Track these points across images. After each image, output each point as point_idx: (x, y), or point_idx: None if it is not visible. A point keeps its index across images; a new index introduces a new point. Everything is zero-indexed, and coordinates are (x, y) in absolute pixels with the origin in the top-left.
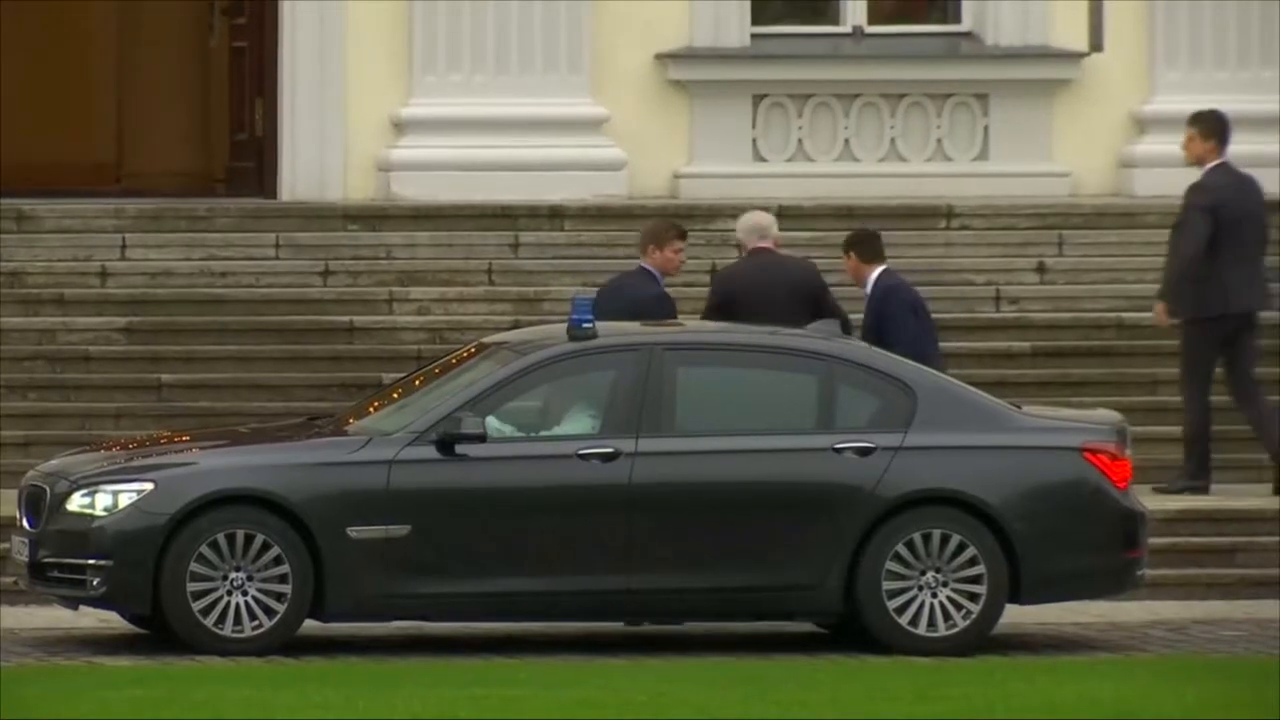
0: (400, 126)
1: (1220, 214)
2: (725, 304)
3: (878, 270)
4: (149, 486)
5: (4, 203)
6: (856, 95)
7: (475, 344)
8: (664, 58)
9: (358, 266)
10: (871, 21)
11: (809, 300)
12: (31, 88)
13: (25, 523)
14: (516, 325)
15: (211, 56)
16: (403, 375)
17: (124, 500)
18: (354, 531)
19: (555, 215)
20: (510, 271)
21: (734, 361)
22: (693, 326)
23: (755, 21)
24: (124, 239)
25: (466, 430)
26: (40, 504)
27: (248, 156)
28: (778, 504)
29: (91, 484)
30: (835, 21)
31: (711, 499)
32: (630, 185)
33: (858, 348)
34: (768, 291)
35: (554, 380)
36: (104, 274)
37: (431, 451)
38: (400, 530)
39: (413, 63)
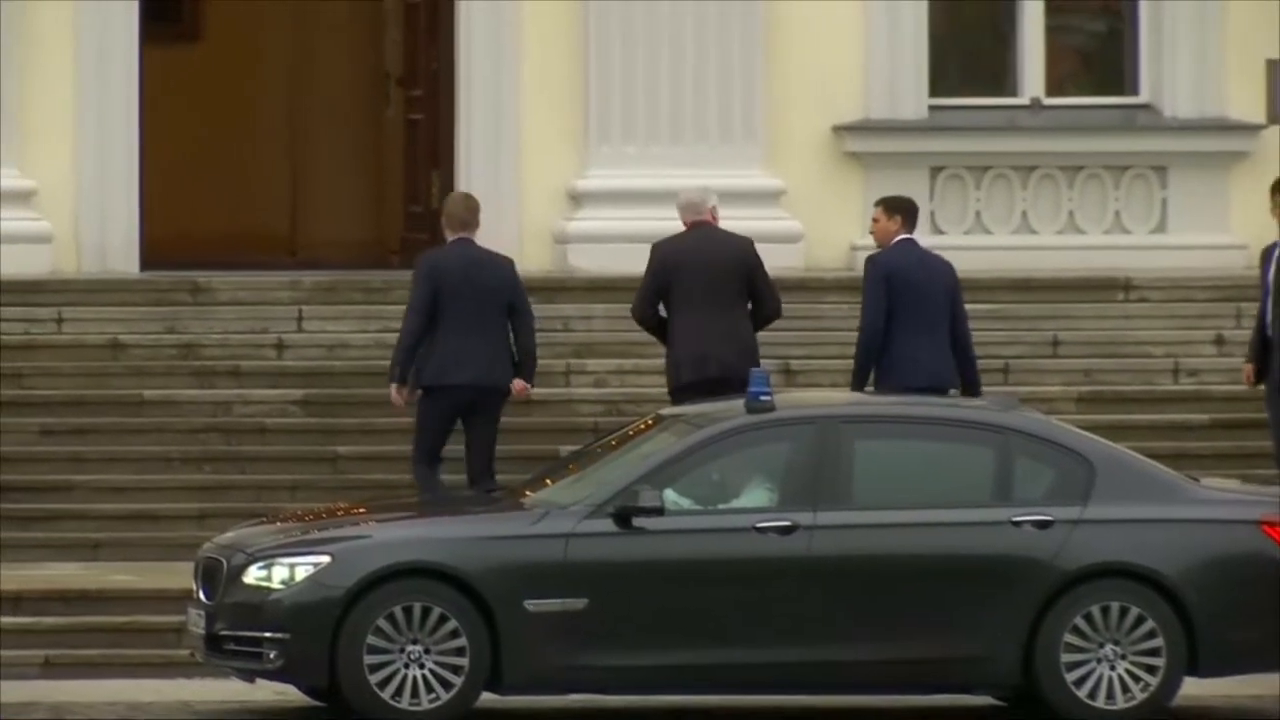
0: (576, 198)
1: None
2: (660, 270)
3: (900, 236)
4: (326, 559)
5: (179, 275)
6: (1034, 167)
7: (653, 416)
8: (840, 129)
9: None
10: (1049, 93)
11: (743, 274)
12: (205, 160)
13: (201, 595)
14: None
15: (387, 128)
16: (580, 448)
17: (300, 573)
18: (531, 604)
19: None
20: None
21: (912, 434)
22: (870, 399)
23: (933, 93)
24: (300, 311)
25: (644, 503)
26: (216, 577)
27: (423, 228)
28: (956, 576)
29: (268, 557)
30: (1013, 93)
31: (890, 571)
32: (806, 257)
33: (1036, 419)
34: (703, 261)
35: (731, 453)
36: (280, 346)
37: (609, 524)
38: (578, 603)
39: (588, 134)
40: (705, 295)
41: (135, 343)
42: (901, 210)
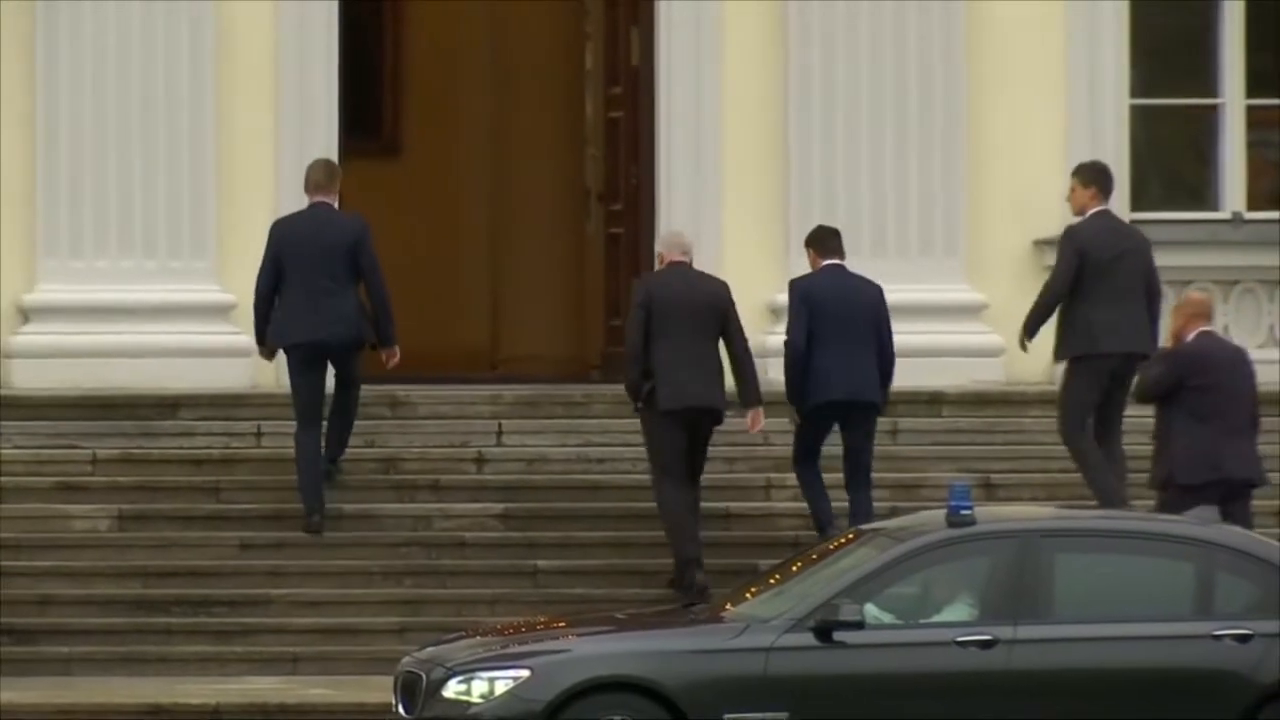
0: (776, 312)
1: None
2: (646, 303)
3: (825, 263)
4: (525, 673)
5: (379, 389)
6: (1235, 281)
7: (853, 530)
8: (1041, 243)
9: (734, 453)
10: (1250, 207)
11: (719, 312)
12: (405, 274)
13: (401, 709)
14: (894, 512)
15: (587, 242)
16: (780, 561)
17: (500, 687)
18: (731, 718)
19: (934, 401)
20: (888, 458)
21: (1112, 548)
22: (1070, 514)
23: (1134, 208)
24: (500, 425)
25: (844, 617)
26: (416, 690)
27: (624, 342)
28: (1156, 690)
29: (467, 670)
30: (1214, 208)
31: (1090, 685)
32: (1007, 371)
33: (1235, 533)
34: (684, 298)
35: (932, 567)
36: (480, 460)
37: (809, 638)
38: (778, 716)
39: (788, 248)
40: (683, 328)
41: None
42: (813, 243)
